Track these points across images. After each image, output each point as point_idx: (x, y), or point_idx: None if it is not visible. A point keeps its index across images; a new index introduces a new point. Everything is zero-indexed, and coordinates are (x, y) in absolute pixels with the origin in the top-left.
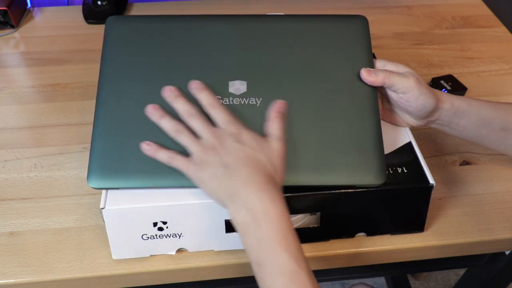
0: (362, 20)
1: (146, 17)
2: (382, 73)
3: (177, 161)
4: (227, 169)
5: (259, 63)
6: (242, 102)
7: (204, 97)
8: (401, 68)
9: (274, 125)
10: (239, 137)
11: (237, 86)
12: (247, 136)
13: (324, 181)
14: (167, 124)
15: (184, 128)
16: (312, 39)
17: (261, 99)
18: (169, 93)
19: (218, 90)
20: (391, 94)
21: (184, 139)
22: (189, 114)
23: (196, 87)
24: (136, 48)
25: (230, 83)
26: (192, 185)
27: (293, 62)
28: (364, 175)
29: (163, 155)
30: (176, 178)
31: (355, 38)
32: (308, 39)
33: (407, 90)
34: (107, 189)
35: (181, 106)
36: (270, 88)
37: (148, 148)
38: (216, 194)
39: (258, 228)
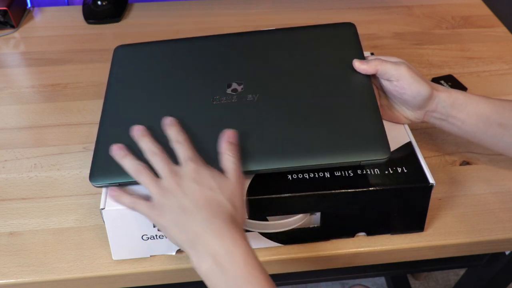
0: (350, 26)
1: (150, 43)
2: (374, 61)
3: (139, 206)
4: (185, 213)
5: (255, 72)
6: (240, 100)
7: (172, 132)
8: (393, 59)
9: (227, 158)
10: (197, 176)
11: (234, 87)
12: (205, 175)
13: (329, 160)
14: (127, 164)
15: (144, 168)
16: (304, 48)
17: (258, 95)
18: (136, 132)
19: (216, 92)
20: (385, 84)
21: (143, 179)
22: (151, 152)
23: (167, 123)
24: (141, 69)
25: (228, 84)
26: None
27: (288, 69)
28: (368, 151)
29: (127, 200)
30: None
31: (346, 43)
32: (301, 48)
33: (399, 77)
34: (108, 185)
35: (144, 144)
36: (266, 87)
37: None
38: (177, 240)
39: (224, 273)
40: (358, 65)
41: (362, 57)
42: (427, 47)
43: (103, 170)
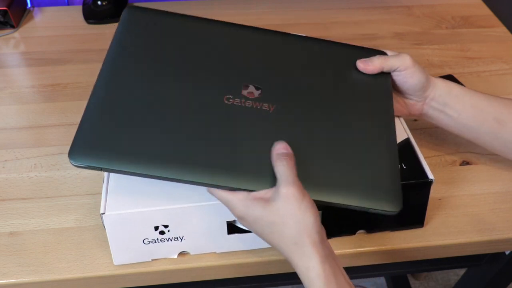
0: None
1: (171, 14)
2: (377, 59)
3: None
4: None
5: (278, 81)
6: (254, 106)
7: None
8: (394, 53)
9: (277, 169)
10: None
11: (251, 90)
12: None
13: (339, 200)
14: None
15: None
16: (337, 69)
17: (274, 106)
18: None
19: (230, 91)
20: (392, 75)
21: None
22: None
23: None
24: (152, 41)
25: (244, 85)
26: (184, 180)
27: (314, 82)
28: (381, 200)
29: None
30: (168, 171)
31: (379, 75)
32: (334, 68)
33: (405, 67)
34: (88, 167)
35: None
36: (286, 101)
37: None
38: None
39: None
40: (363, 67)
41: (389, 88)
42: (427, 47)
43: (87, 148)
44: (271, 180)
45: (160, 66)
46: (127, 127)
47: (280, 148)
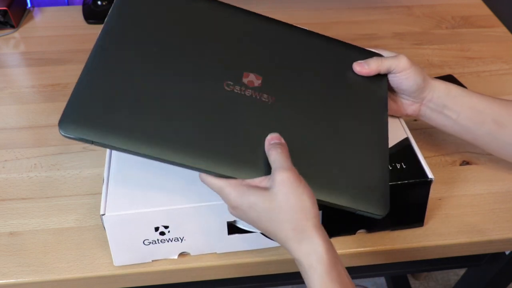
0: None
1: None
2: (373, 61)
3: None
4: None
5: (280, 73)
6: (253, 96)
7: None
8: (392, 53)
9: (272, 157)
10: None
11: (251, 79)
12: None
13: (327, 198)
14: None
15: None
16: (340, 69)
17: (273, 98)
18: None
19: (231, 77)
20: (389, 77)
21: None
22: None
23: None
24: (152, 18)
25: (245, 73)
26: (181, 164)
27: (313, 80)
28: (369, 203)
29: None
30: (158, 151)
31: (377, 78)
32: (337, 68)
33: (402, 68)
34: (79, 139)
35: None
36: (285, 95)
37: None
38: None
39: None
40: (359, 70)
41: (385, 91)
42: (427, 47)
43: (80, 119)
44: (266, 169)
45: (159, 45)
46: (122, 103)
47: (273, 138)
